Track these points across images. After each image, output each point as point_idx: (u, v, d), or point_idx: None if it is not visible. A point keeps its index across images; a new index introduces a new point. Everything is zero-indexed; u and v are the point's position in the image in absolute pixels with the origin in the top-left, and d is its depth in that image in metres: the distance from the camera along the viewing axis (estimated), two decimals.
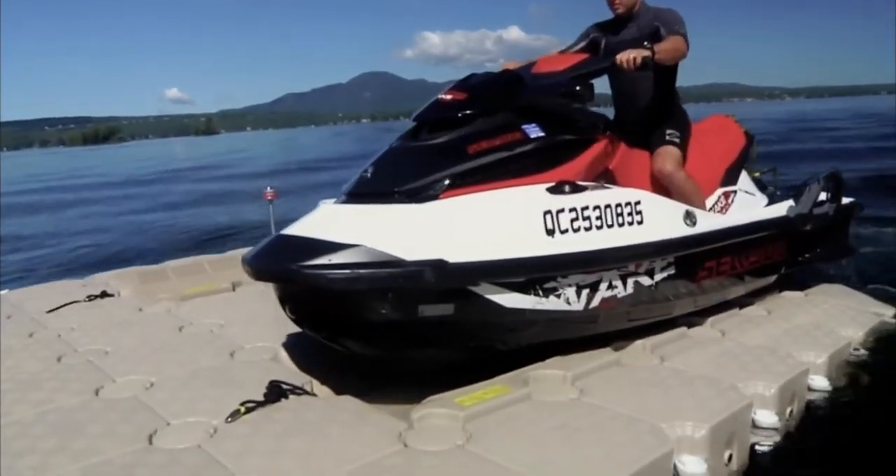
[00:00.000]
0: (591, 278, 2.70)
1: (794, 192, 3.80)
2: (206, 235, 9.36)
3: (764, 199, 3.83)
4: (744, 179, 3.78)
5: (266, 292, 3.91)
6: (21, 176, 31.06)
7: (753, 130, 4.13)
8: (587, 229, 2.64)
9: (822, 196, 3.78)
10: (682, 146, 3.39)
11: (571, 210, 2.61)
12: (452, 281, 2.37)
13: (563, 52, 3.47)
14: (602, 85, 3.45)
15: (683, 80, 3.37)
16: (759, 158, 4.53)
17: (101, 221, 12.09)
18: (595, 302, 2.74)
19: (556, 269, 2.58)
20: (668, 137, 3.37)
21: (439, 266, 2.30)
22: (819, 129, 25.65)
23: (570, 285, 2.65)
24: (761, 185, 4.11)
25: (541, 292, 2.58)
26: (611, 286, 2.77)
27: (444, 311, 2.43)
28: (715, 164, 3.62)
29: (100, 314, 3.76)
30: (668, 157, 3.31)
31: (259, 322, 3.37)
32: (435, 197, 2.50)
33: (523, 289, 2.54)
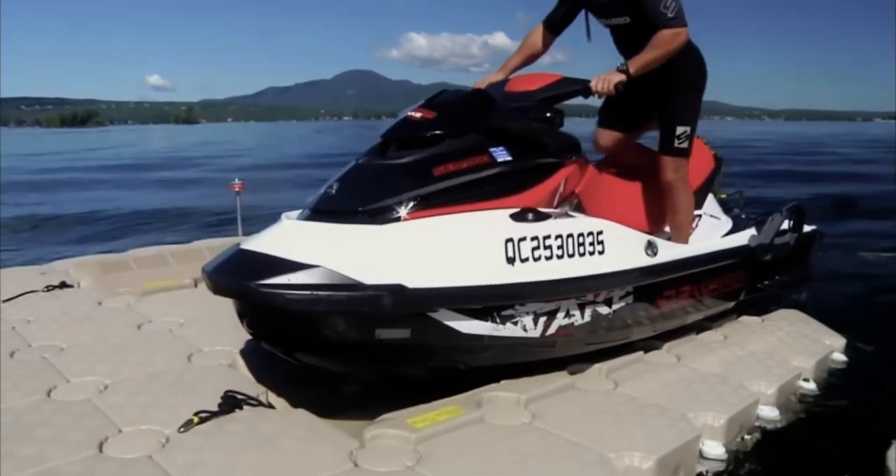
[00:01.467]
0: (548, 307, 2.73)
1: (757, 221, 3.87)
2: None
3: (728, 223, 3.87)
4: (710, 203, 3.82)
5: None
6: None
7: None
8: (548, 258, 2.65)
9: (785, 225, 3.85)
10: (692, 134, 3.35)
11: (533, 238, 2.62)
12: (410, 306, 2.38)
13: (547, 19, 3.43)
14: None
15: None
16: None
17: None
18: (552, 329, 2.77)
19: (514, 298, 2.60)
20: (677, 142, 3.31)
21: (398, 291, 2.31)
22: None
23: (527, 313, 2.68)
24: (727, 208, 4.16)
25: (498, 319, 2.60)
26: (568, 314, 2.80)
27: (401, 335, 2.45)
28: None
29: (57, 306, 3.71)
30: (671, 167, 3.34)
31: (219, 323, 3.35)
32: (398, 219, 2.50)
33: (481, 315, 2.56)
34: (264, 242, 2.48)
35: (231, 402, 2.49)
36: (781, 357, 3.39)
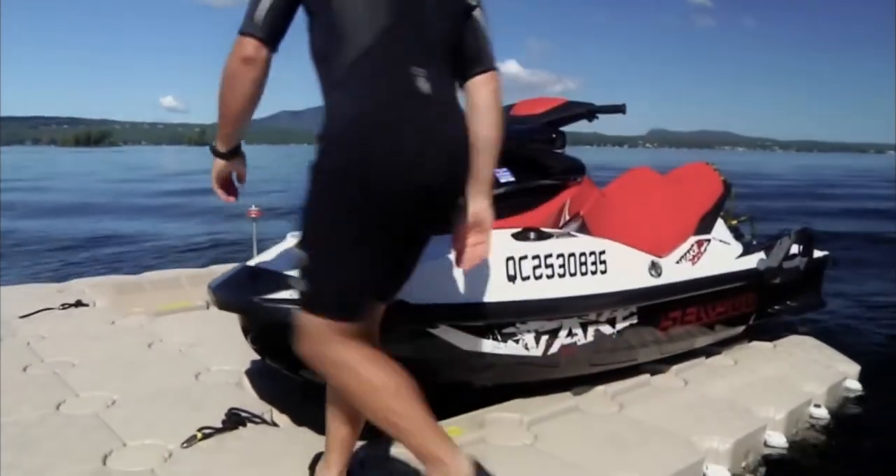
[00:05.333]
0: (550, 325, 2.74)
1: (766, 245, 3.85)
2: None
3: (739, 248, 3.84)
4: (719, 228, 3.80)
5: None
6: None
7: None
8: (549, 277, 2.67)
9: (795, 249, 3.83)
10: None
11: (535, 257, 2.64)
12: (411, 321, 2.40)
13: None
14: None
15: (673, 124, 2.84)
16: None
17: None
18: (554, 348, 2.78)
19: (515, 316, 2.62)
20: None
21: (398, 306, 2.32)
22: None
23: (528, 331, 2.68)
24: (738, 234, 4.13)
25: (499, 337, 2.61)
26: (570, 333, 2.81)
27: (402, 351, 2.44)
28: (690, 211, 3.65)
29: (72, 324, 3.77)
30: None
31: (229, 344, 3.38)
32: None
33: (482, 333, 2.57)
34: (269, 259, 2.52)
35: (235, 420, 2.51)
36: (792, 383, 3.35)
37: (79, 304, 4.15)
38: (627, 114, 3.13)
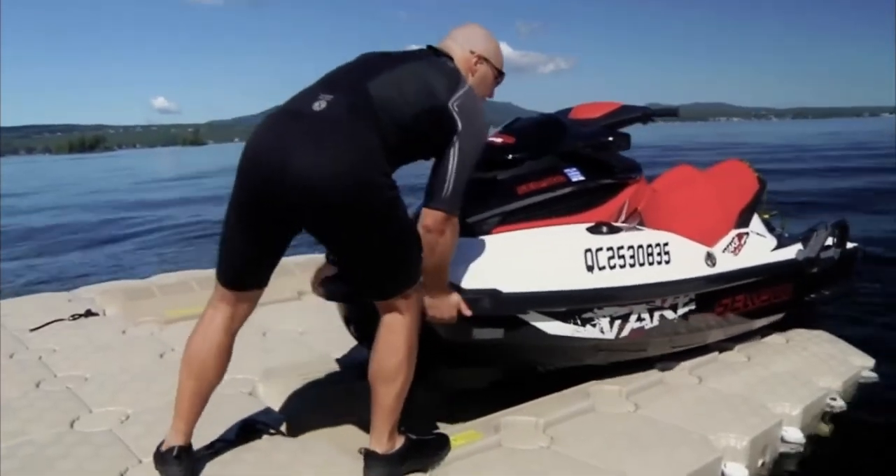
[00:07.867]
0: (622, 310, 2.95)
1: (803, 236, 4.01)
2: None
3: (773, 241, 3.99)
4: (755, 222, 3.97)
5: (250, 320, 3.92)
6: None
7: None
8: (622, 267, 2.89)
9: (829, 241, 4.00)
10: None
11: (609, 249, 2.87)
12: (505, 308, 2.59)
13: None
14: None
15: (668, 98, 3.05)
16: None
17: None
18: (625, 332, 2.98)
19: (594, 302, 2.83)
20: None
21: (495, 295, 2.52)
22: None
23: (604, 316, 2.89)
24: (770, 227, 4.29)
25: (579, 322, 2.81)
26: (639, 318, 3.02)
27: (495, 335, 2.63)
28: (730, 205, 3.82)
29: (83, 335, 3.76)
30: None
31: (240, 351, 3.34)
32: (488, 231, 2.73)
33: (564, 318, 2.77)
34: None
35: (249, 431, 2.51)
36: (807, 377, 3.33)
37: (89, 313, 4.15)
38: (620, 90, 3.32)
